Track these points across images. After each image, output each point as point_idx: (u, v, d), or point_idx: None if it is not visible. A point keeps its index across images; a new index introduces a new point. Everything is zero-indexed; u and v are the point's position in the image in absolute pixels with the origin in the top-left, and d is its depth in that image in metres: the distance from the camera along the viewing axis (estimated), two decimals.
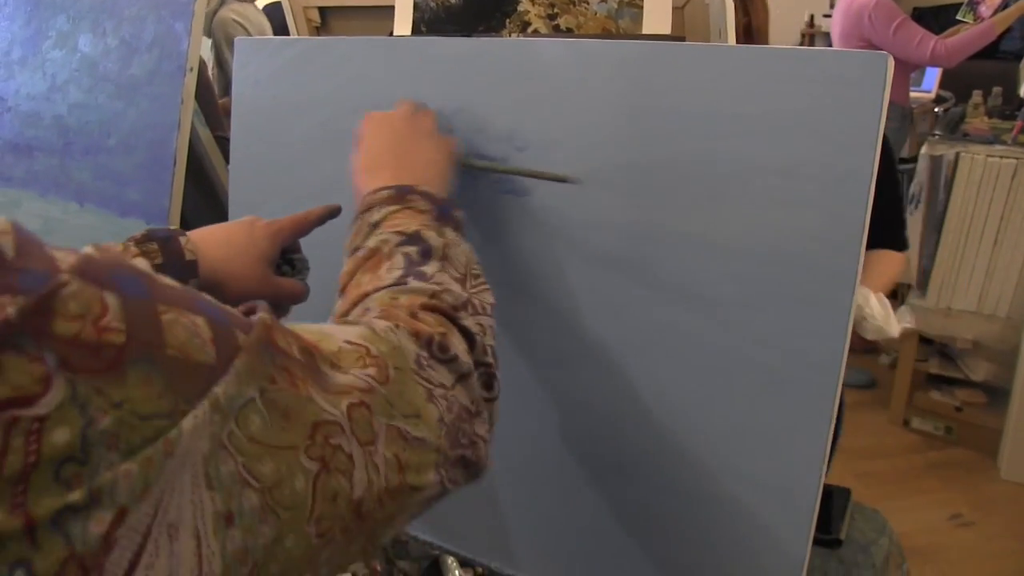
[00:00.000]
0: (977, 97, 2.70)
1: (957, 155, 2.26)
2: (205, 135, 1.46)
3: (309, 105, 0.86)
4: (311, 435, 0.36)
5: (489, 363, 0.52)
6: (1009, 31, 3.02)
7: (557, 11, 1.14)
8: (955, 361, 2.51)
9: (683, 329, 0.69)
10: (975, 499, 2.22)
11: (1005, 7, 2.70)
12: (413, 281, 0.53)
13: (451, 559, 0.88)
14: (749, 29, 1.45)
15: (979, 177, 2.23)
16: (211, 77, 3.03)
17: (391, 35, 1.22)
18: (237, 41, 0.93)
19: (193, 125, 1.22)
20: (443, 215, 0.61)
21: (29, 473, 0.25)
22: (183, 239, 0.67)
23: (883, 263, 1.28)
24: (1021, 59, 2.98)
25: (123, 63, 1.22)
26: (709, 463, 0.70)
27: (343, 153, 0.84)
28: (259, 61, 0.90)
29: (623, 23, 1.09)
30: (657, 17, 1.04)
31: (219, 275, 0.69)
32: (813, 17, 4.41)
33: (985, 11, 2.78)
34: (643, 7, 1.06)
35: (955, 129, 2.49)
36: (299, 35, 1.49)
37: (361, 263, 0.57)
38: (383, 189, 0.62)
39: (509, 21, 1.16)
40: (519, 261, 0.76)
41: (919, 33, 2.61)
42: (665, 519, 0.74)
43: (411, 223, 0.58)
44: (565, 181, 0.71)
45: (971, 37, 2.62)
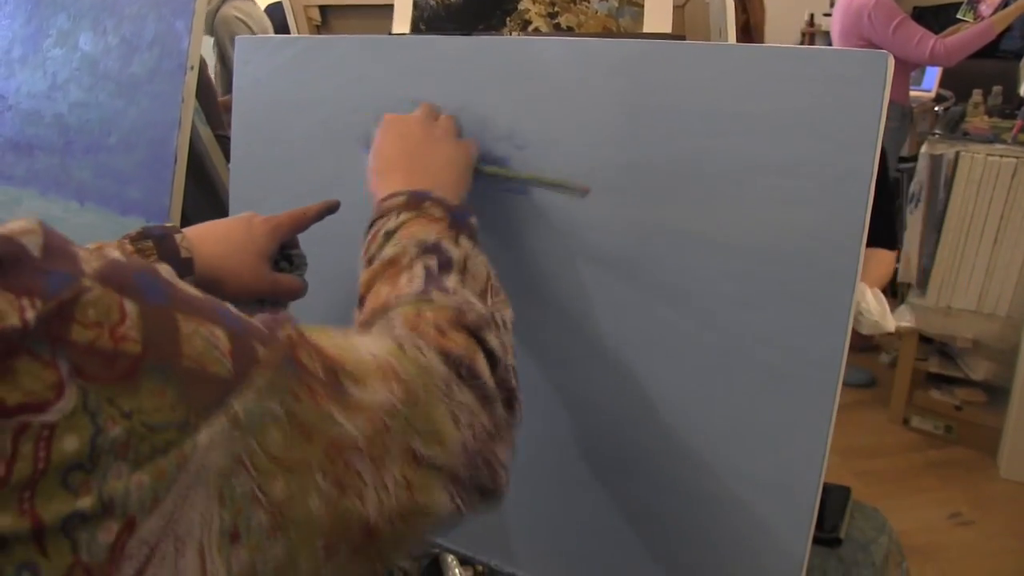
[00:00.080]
0: (977, 96, 2.70)
1: (957, 154, 2.26)
2: (206, 133, 1.46)
3: (309, 103, 0.86)
4: (328, 453, 0.36)
5: (512, 385, 0.51)
6: (1009, 30, 3.03)
7: (558, 9, 1.14)
8: (955, 360, 2.51)
9: (683, 327, 0.69)
10: (975, 498, 2.22)
11: (1005, 6, 2.70)
12: (436, 293, 0.51)
13: (451, 557, 0.88)
14: (747, 27, 1.45)
15: (979, 176, 2.23)
16: (214, 74, 3.04)
17: (391, 33, 1.22)
18: (238, 40, 0.93)
19: (193, 123, 1.22)
20: (457, 222, 0.60)
21: (37, 479, 0.25)
22: (179, 236, 0.67)
23: (874, 261, 1.29)
24: (1021, 58, 2.99)
25: (124, 61, 1.22)
26: (709, 461, 0.70)
27: (343, 151, 0.84)
28: (260, 59, 0.90)
29: (624, 22, 1.09)
30: (658, 16, 1.04)
31: (217, 272, 0.69)
32: (813, 16, 4.41)
33: (985, 10, 2.78)
34: (644, 6, 1.06)
35: (955, 128, 2.49)
36: (299, 33, 1.49)
37: (379, 273, 0.55)
38: (397, 195, 0.61)
39: (509, 19, 1.16)
40: (517, 259, 0.76)
41: (918, 32, 2.61)
42: (665, 517, 0.74)
43: (428, 232, 0.57)
44: (583, 192, 0.70)
45: (970, 36, 2.62)
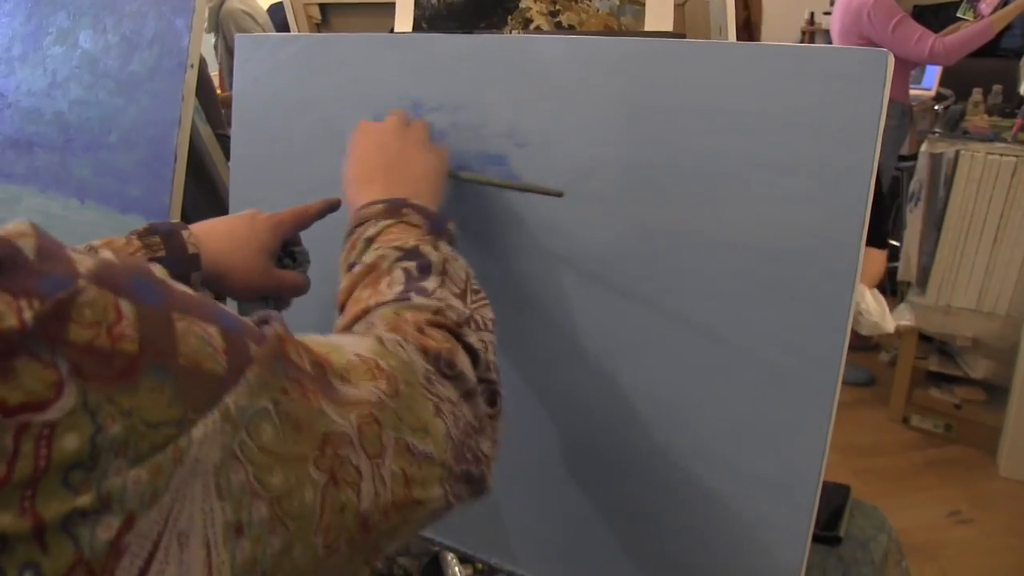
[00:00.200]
0: (977, 95, 2.69)
1: (957, 153, 2.26)
2: (205, 132, 1.46)
3: (310, 102, 0.86)
4: (321, 446, 0.37)
5: (493, 379, 0.52)
6: (1009, 29, 3.03)
7: (559, 8, 1.14)
8: (955, 359, 2.51)
9: (683, 326, 0.69)
10: (974, 496, 2.22)
11: (1004, 5, 2.69)
12: (416, 297, 0.53)
13: (451, 555, 0.88)
14: (748, 24, 1.45)
15: (979, 175, 2.23)
16: (221, 67, 3.05)
17: (392, 32, 1.22)
18: (237, 38, 0.93)
19: (193, 122, 1.22)
20: (436, 228, 0.61)
21: (38, 478, 0.26)
22: (185, 232, 0.68)
23: (864, 259, 1.30)
24: (1021, 57, 2.98)
25: (124, 59, 1.21)
26: (709, 460, 0.70)
27: (343, 149, 0.84)
28: (260, 57, 0.90)
29: (625, 20, 1.09)
30: (658, 14, 1.04)
31: (221, 268, 0.69)
32: (813, 14, 4.41)
33: (985, 8, 2.78)
34: (644, 4, 1.06)
35: (955, 127, 2.49)
36: (300, 32, 1.49)
37: (359, 279, 0.56)
38: (376, 203, 0.62)
39: (511, 18, 1.16)
40: (517, 257, 0.76)
41: (918, 31, 2.61)
42: (664, 516, 0.74)
43: (407, 238, 0.58)
44: (557, 195, 0.70)
45: (969, 35, 2.62)
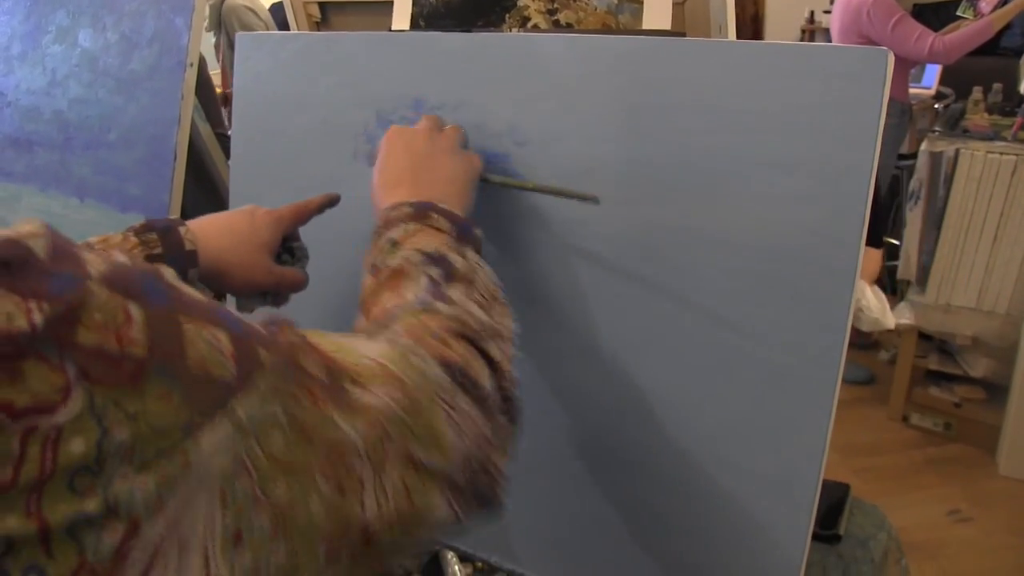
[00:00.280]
0: (977, 93, 2.69)
1: (957, 151, 2.26)
2: (205, 131, 1.47)
3: (310, 100, 0.86)
4: (328, 455, 0.36)
5: (511, 392, 0.51)
6: (1009, 27, 3.03)
7: (557, 6, 1.14)
8: (954, 357, 2.51)
9: (683, 324, 0.69)
10: (974, 495, 2.23)
11: (1004, 3, 2.69)
12: (438, 304, 0.52)
13: (451, 554, 0.88)
14: (757, 17, 1.46)
15: (979, 173, 2.23)
16: (225, 65, 3.07)
17: (390, 30, 1.22)
18: (238, 36, 0.93)
19: (193, 121, 1.22)
20: (463, 234, 0.60)
21: (44, 482, 0.26)
22: (183, 229, 0.67)
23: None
24: (1021, 55, 2.98)
25: (123, 58, 1.21)
26: (709, 458, 0.70)
27: (343, 148, 0.84)
28: (260, 56, 0.90)
29: (623, 18, 1.09)
30: (657, 12, 1.04)
31: (220, 264, 0.69)
32: (813, 13, 4.41)
33: (985, 7, 2.78)
34: (643, 2, 1.06)
35: (955, 125, 2.49)
36: (300, 30, 1.49)
37: (383, 281, 0.55)
38: (403, 205, 0.61)
39: (509, 16, 1.16)
40: (516, 256, 0.76)
41: (917, 29, 2.61)
42: (664, 514, 0.74)
43: (433, 243, 0.57)
44: (594, 201, 0.68)
45: (969, 34, 2.62)
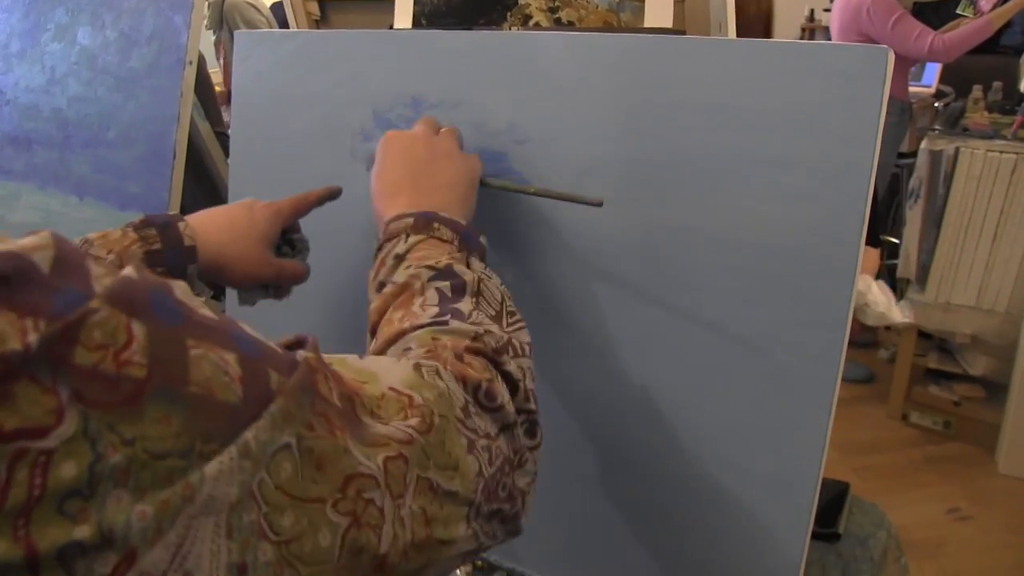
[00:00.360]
0: (977, 92, 2.70)
1: (957, 150, 2.26)
2: (204, 129, 1.46)
3: (309, 98, 0.86)
4: (343, 488, 0.35)
5: (532, 409, 0.50)
6: (1009, 25, 3.02)
7: (558, 4, 1.13)
8: (954, 356, 2.51)
9: (682, 323, 0.69)
10: (973, 493, 2.23)
11: (1004, 2, 2.69)
12: (453, 320, 0.50)
13: None
14: (769, 15, 1.46)
15: (979, 172, 2.23)
16: (227, 63, 3.08)
17: (391, 28, 1.22)
18: (236, 35, 0.93)
19: (192, 119, 1.22)
20: (467, 243, 0.59)
21: (32, 506, 0.24)
22: (182, 224, 0.67)
23: None
24: (1021, 54, 2.98)
25: (122, 56, 1.21)
26: (708, 457, 0.70)
27: (342, 146, 0.84)
28: (259, 54, 0.90)
29: (624, 16, 1.09)
30: (658, 10, 1.04)
31: (220, 258, 0.69)
32: (813, 11, 4.41)
33: (985, 5, 2.78)
34: (644, 1, 1.06)
35: (955, 124, 2.49)
36: (299, 28, 1.49)
37: (391, 299, 0.54)
38: (404, 216, 0.59)
39: (510, 14, 1.16)
40: (513, 254, 0.76)
41: (917, 28, 2.61)
42: (663, 512, 0.74)
43: (438, 255, 0.56)
44: (597, 205, 0.67)
45: (969, 32, 2.62)
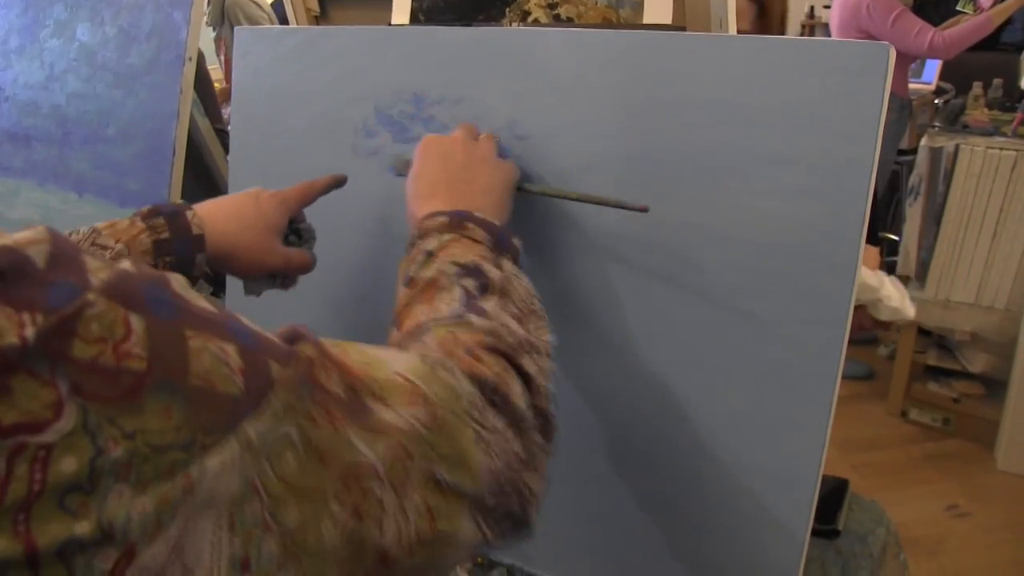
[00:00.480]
0: (977, 89, 2.69)
1: (957, 147, 2.26)
2: (204, 125, 1.46)
3: (309, 94, 0.86)
4: (344, 479, 0.35)
5: (547, 409, 0.50)
6: (1010, 22, 3.02)
7: (557, 0, 1.13)
8: (953, 353, 2.51)
9: (683, 318, 0.69)
10: (972, 490, 2.23)
11: None
12: (472, 316, 0.50)
13: None
14: (784, 14, 1.47)
15: (979, 169, 2.23)
16: (230, 58, 3.08)
17: (390, 24, 1.21)
18: (236, 31, 0.92)
19: (192, 115, 1.22)
20: (500, 245, 0.58)
21: (32, 501, 0.24)
22: (190, 213, 0.67)
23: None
24: (1022, 51, 2.98)
25: (122, 52, 1.21)
26: (709, 453, 0.70)
27: (342, 142, 0.84)
28: (259, 50, 0.90)
29: (624, 12, 1.08)
30: (658, 6, 1.04)
31: (228, 247, 0.69)
32: (813, 8, 4.41)
33: (985, 2, 2.78)
34: None
35: (955, 121, 2.49)
36: (299, 25, 1.48)
37: (416, 293, 0.54)
38: (438, 215, 0.59)
39: (509, 10, 1.16)
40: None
41: (917, 24, 2.61)
42: (664, 508, 0.74)
43: (468, 253, 0.56)
44: (642, 211, 0.65)
45: (968, 29, 2.61)
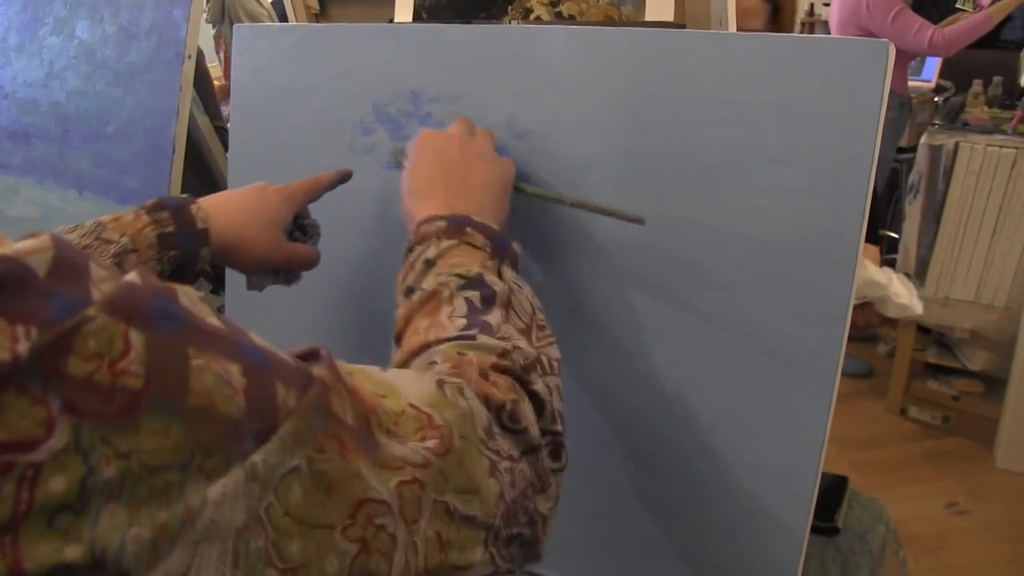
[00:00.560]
0: (977, 86, 2.69)
1: (957, 145, 2.26)
2: (204, 123, 1.46)
3: (309, 92, 0.86)
4: (353, 514, 0.34)
5: (558, 431, 0.49)
6: (1009, 20, 3.02)
7: None
8: (953, 350, 2.52)
9: (682, 317, 0.69)
10: (971, 488, 2.23)
11: None
12: (481, 335, 0.49)
13: None
14: (792, 13, 1.49)
15: (978, 167, 2.23)
16: (230, 55, 3.10)
17: (391, 22, 1.21)
18: (236, 28, 0.92)
19: (191, 113, 1.22)
20: (500, 250, 0.58)
21: (19, 523, 0.23)
22: (194, 207, 0.67)
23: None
24: (1022, 48, 2.98)
25: (121, 50, 1.21)
26: (708, 450, 0.70)
27: (342, 140, 0.84)
28: (259, 48, 0.90)
29: (625, 10, 1.08)
30: (659, 4, 1.04)
31: (232, 242, 0.68)
32: (813, 6, 4.41)
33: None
34: None
35: (955, 119, 2.49)
36: (298, 22, 1.48)
37: (418, 307, 0.53)
38: (436, 219, 0.58)
39: (511, 8, 1.16)
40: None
41: (917, 22, 2.61)
42: (663, 505, 0.74)
43: (469, 262, 0.55)
44: (639, 222, 0.65)
45: (968, 27, 2.61)
